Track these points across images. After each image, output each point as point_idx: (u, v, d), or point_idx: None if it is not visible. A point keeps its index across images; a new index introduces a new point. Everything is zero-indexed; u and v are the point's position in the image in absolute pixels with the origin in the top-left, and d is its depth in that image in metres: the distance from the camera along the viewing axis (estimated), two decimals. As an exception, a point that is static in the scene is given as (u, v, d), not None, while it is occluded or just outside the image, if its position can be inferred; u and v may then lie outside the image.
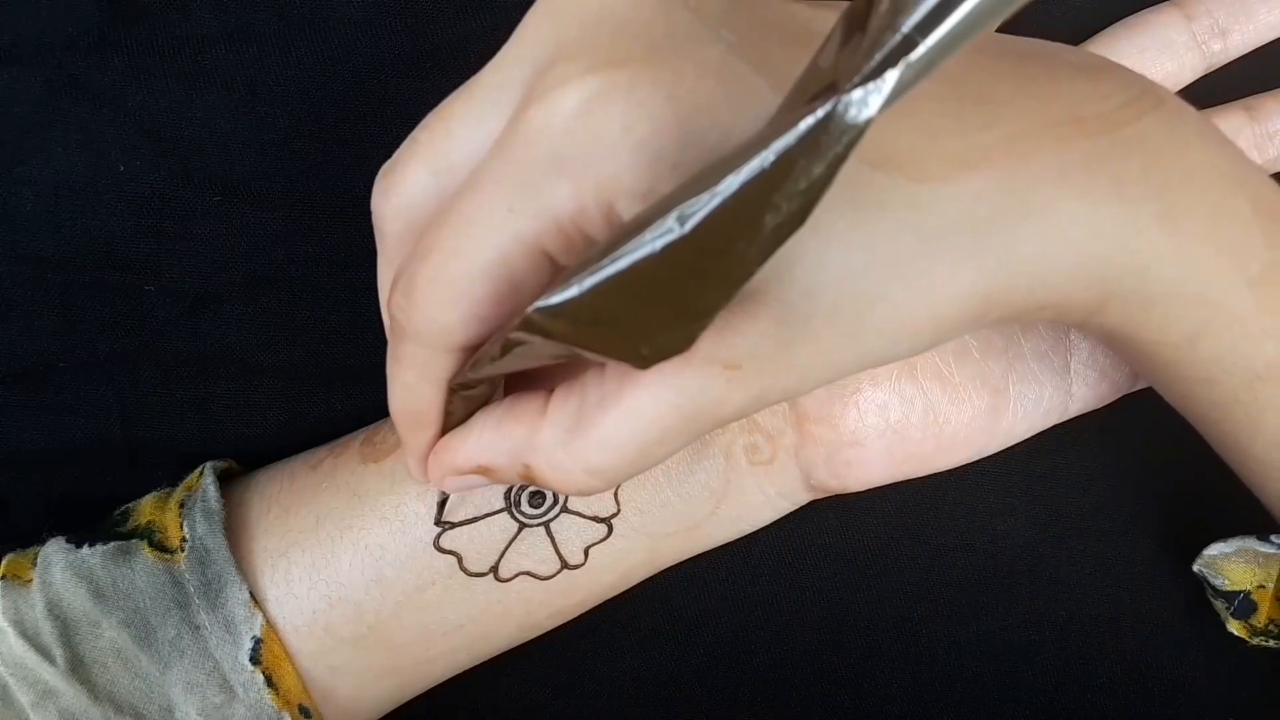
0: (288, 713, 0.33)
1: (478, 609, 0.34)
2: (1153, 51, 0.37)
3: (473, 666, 0.36)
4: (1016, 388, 0.35)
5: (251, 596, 0.33)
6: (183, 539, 0.34)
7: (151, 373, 0.38)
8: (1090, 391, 0.36)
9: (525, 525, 0.34)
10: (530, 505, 0.34)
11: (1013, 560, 0.39)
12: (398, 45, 0.38)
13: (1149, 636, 0.39)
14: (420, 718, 0.37)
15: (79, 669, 0.32)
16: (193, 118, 0.38)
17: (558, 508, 0.34)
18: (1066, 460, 0.39)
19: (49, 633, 0.32)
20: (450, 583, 0.34)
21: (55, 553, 0.34)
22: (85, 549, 0.34)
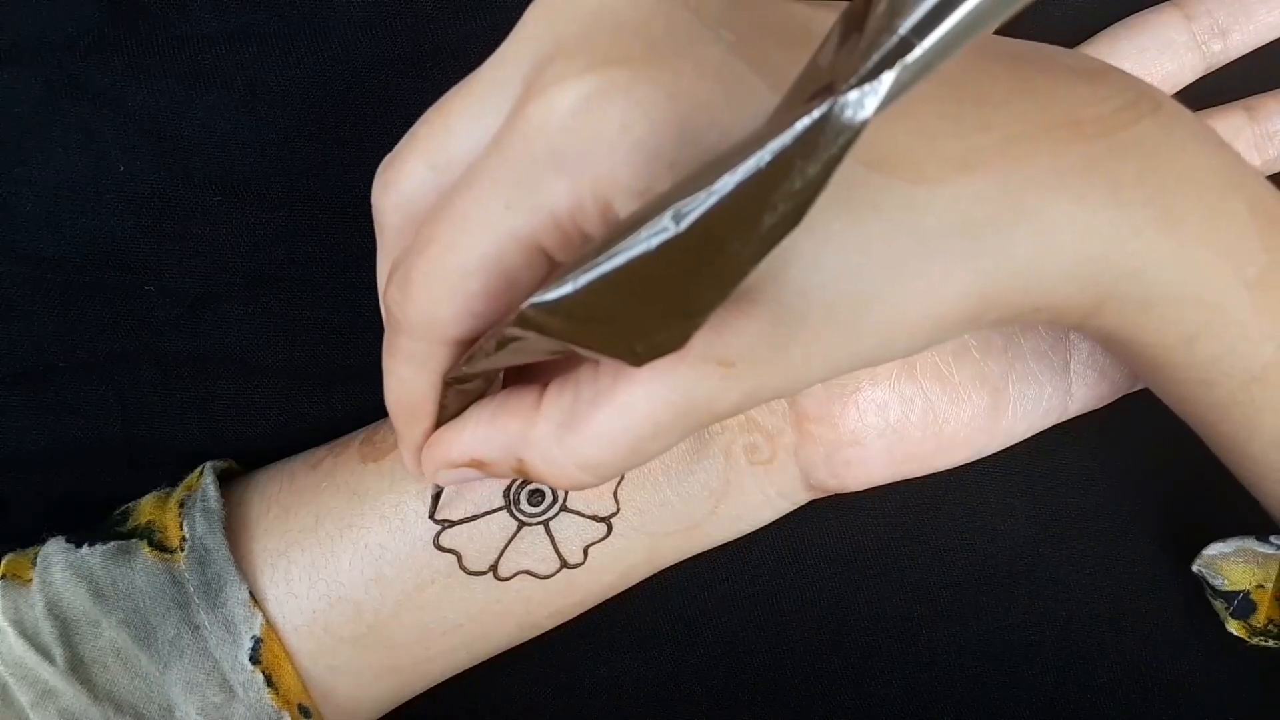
0: (287, 712, 0.33)
1: (477, 608, 0.34)
2: (1152, 52, 0.37)
3: (472, 666, 0.36)
4: (1016, 387, 0.35)
5: (251, 596, 0.33)
6: (182, 539, 0.34)
7: (151, 373, 0.38)
8: (1090, 391, 0.36)
9: (524, 524, 0.34)
10: (529, 504, 0.34)
11: (1013, 560, 0.39)
12: (398, 45, 0.38)
13: (1149, 636, 0.39)
14: (420, 718, 0.37)
15: (79, 669, 0.32)
16: (193, 118, 0.38)
17: (557, 506, 0.34)
18: (1066, 460, 0.39)
19: (49, 632, 0.32)
20: (450, 581, 0.34)
21: (55, 552, 0.34)
22: (85, 549, 0.34)
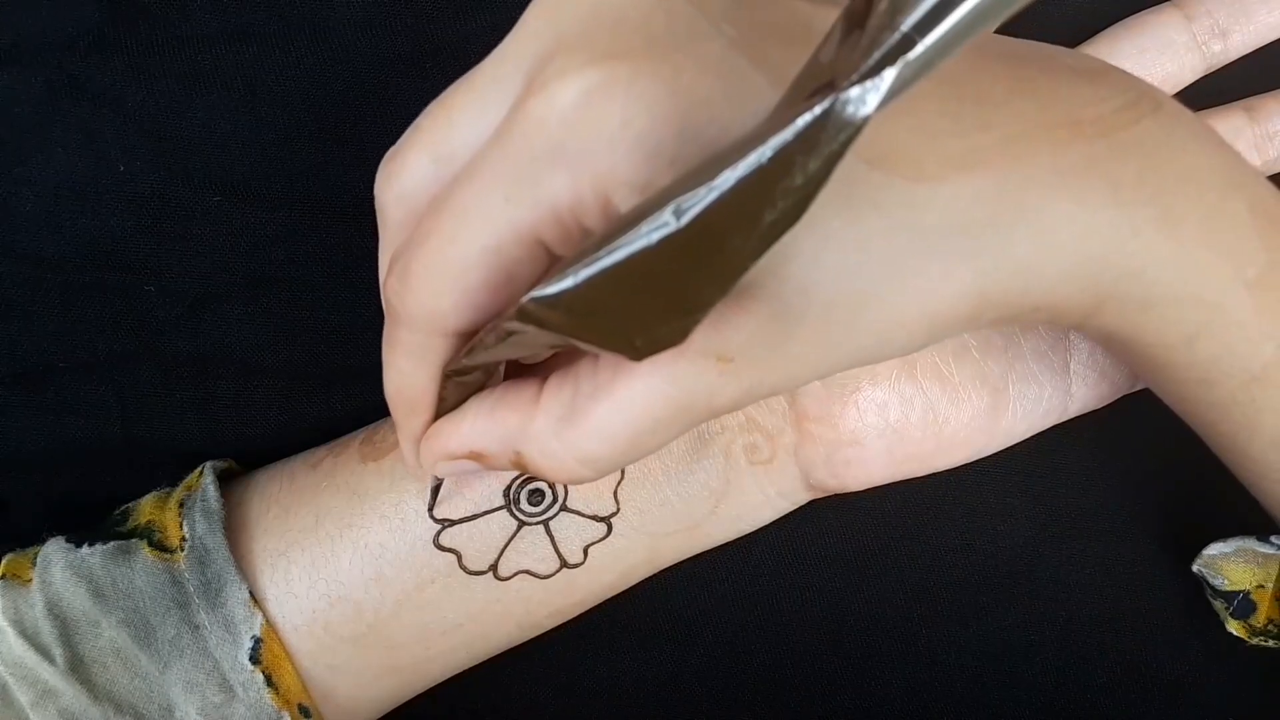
0: (287, 712, 0.33)
1: (477, 608, 0.34)
2: (1153, 52, 0.37)
3: (472, 666, 0.36)
4: (1016, 387, 0.35)
5: (251, 596, 0.33)
6: (182, 538, 0.34)
7: (151, 373, 0.38)
8: (1090, 391, 0.36)
9: (524, 523, 0.34)
10: (530, 503, 0.34)
11: (1013, 560, 0.39)
12: (398, 45, 0.38)
13: (1149, 636, 0.39)
14: (420, 718, 0.37)
15: (79, 668, 0.32)
16: (193, 118, 0.38)
17: (557, 506, 0.34)
18: (1066, 460, 0.39)
19: (49, 632, 0.32)
20: (449, 581, 0.34)
21: (55, 552, 0.34)
22: (85, 549, 0.34)
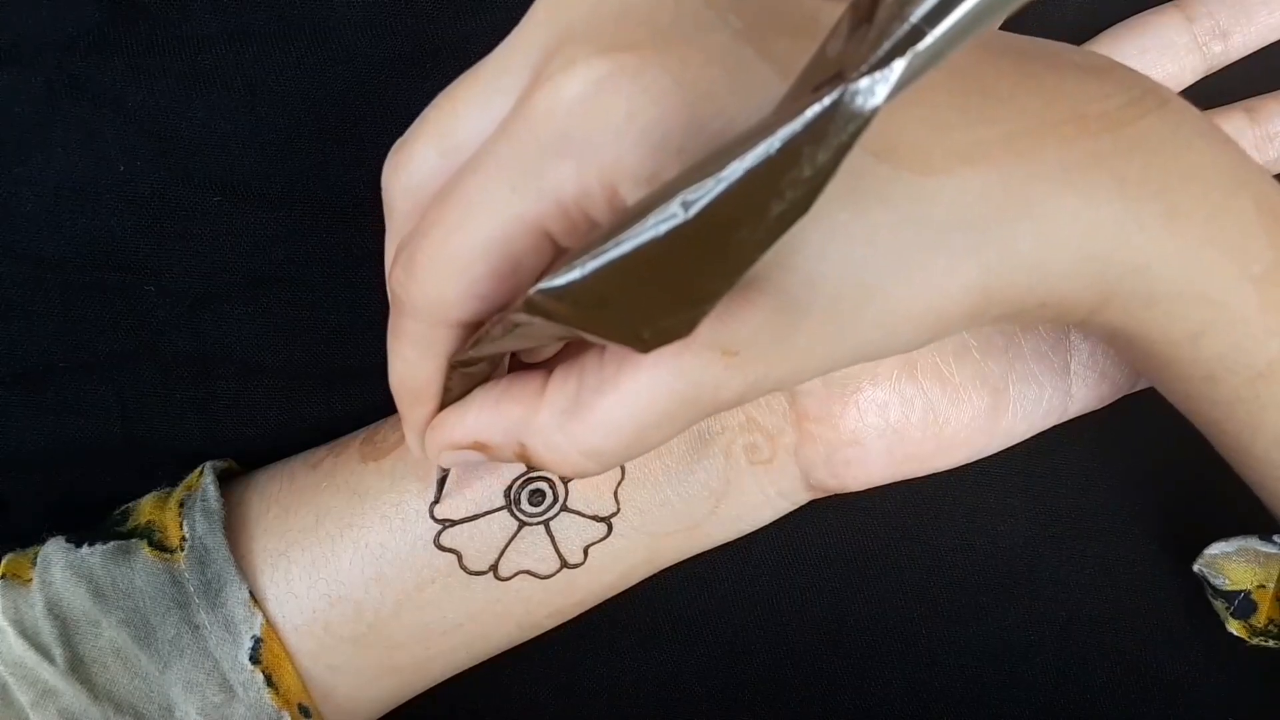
0: (287, 712, 0.33)
1: (477, 608, 0.34)
2: (1153, 53, 0.37)
3: (472, 666, 0.36)
4: (1016, 388, 0.35)
5: (251, 596, 0.33)
6: (182, 538, 0.34)
7: (151, 373, 0.38)
8: (1090, 392, 0.36)
9: (525, 524, 0.34)
10: (530, 504, 0.34)
11: (1013, 560, 0.39)
12: (398, 45, 0.38)
13: (1149, 636, 0.39)
14: (420, 718, 0.37)
15: (79, 668, 0.32)
16: (193, 118, 0.38)
17: (557, 506, 0.34)
18: (1066, 460, 0.39)
19: (49, 632, 0.32)
20: (450, 581, 0.34)
21: (55, 552, 0.34)
22: (85, 549, 0.34)
